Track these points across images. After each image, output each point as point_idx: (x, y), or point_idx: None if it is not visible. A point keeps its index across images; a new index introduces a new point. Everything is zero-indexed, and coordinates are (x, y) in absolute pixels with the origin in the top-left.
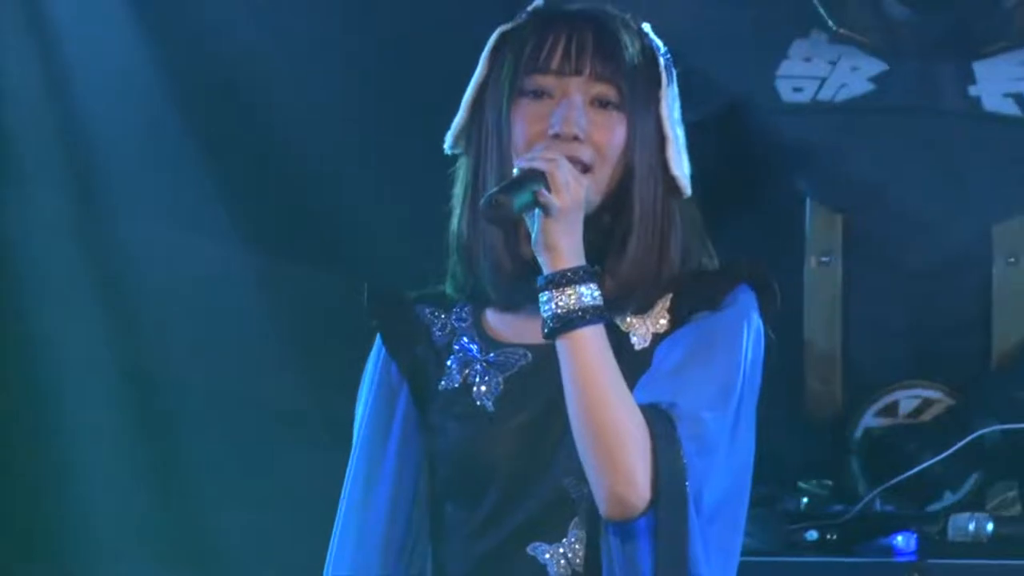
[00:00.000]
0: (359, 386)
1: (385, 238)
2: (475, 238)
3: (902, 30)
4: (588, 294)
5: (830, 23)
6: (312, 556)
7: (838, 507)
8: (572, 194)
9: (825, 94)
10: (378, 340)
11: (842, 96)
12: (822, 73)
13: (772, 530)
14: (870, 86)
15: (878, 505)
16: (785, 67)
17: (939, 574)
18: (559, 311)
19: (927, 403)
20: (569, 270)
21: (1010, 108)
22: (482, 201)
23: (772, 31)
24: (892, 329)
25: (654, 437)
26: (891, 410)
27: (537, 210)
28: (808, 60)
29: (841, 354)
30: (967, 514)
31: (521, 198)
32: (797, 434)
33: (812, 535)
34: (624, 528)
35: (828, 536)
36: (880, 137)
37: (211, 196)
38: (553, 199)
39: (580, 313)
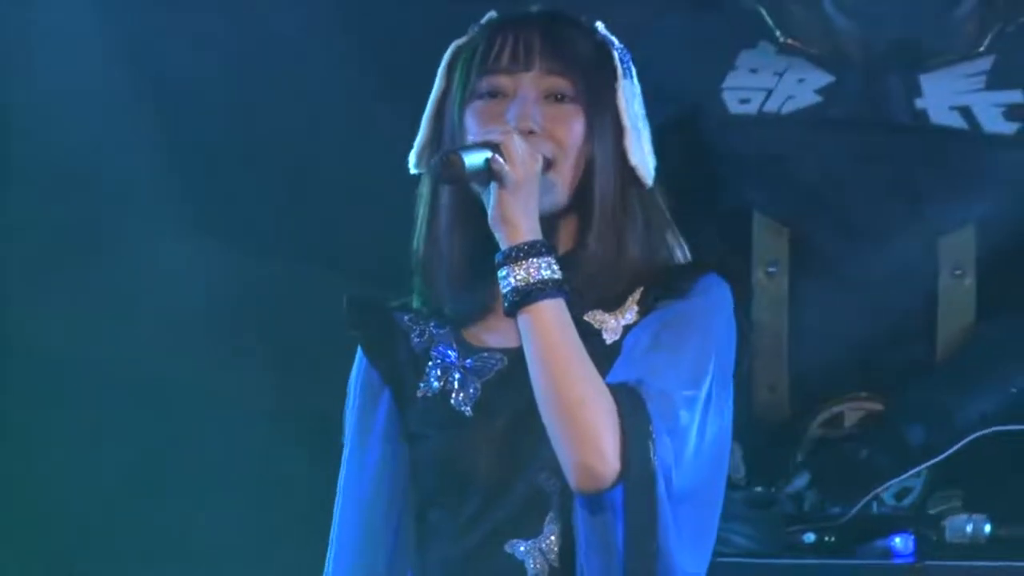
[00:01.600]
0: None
1: (383, 239)
2: (431, 254)
3: (849, 42)
4: (546, 267)
5: (777, 34)
6: (305, 556)
7: (836, 509)
8: (526, 166)
9: (771, 105)
10: (360, 349)
11: (789, 108)
12: (768, 84)
13: (769, 532)
14: (817, 98)
15: (875, 507)
16: (731, 78)
17: None
18: (518, 285)
19: (873, 414)
20: (526, 244)
21: (956, 121)
22: (434, 159)
23: (719, 42)
24: (838, 340)
25: (621, 409)
26: (836, 422)
27: (492, 184)
28: (754, 71)
29: (787, 364)
30: (965, 515)
31: (474, 159)
32: (743, 440)
33: (810, 537)
34: (595, 505)
35: (826, 538)
36: (826, 149)
37: (206, 196)
38: (507, 168)
39: (539, 286)
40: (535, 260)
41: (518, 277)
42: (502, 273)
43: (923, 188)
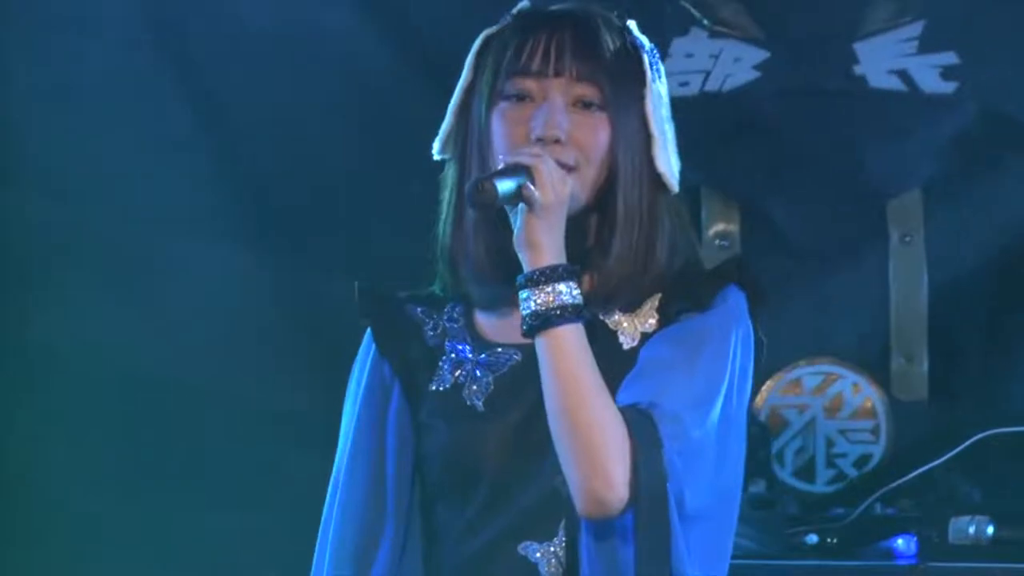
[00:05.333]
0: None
1: (390, 241)
2: (458, 242)
3: (778, 23)
4: (567, 292)
5: (706, 22)
6: (308, 556)
7: (839, 510)
8: (556, 191)
9: (711, 86)
10: (368, 338)
11: (729, 86)
12: (706, 67)
13: (772, 533)
14: (755, 73)
15: (878, 508)
16: (668, 64)
17: None
18: (538, 308)
19: (830, 378)
20: (548, 268)
21: (895, 84)
22: (467, 184)
23: (650, 32)
24: (792, 309)
25: (634, 438)
26: (795, 386)
27: (520, 205)
28: (690, 56)
29: None
30: (968, 517)
31: (506, 186)
32: None
33: (812, 538)
34: (602, 528)
35: (828, 539)
36: (769, 122)
37: (212, 197)
38: (537, 193)
39: (558, 311)
40: (557, 285)
41: (538, 301)
42: (523, 295)
43: (867, 154)
